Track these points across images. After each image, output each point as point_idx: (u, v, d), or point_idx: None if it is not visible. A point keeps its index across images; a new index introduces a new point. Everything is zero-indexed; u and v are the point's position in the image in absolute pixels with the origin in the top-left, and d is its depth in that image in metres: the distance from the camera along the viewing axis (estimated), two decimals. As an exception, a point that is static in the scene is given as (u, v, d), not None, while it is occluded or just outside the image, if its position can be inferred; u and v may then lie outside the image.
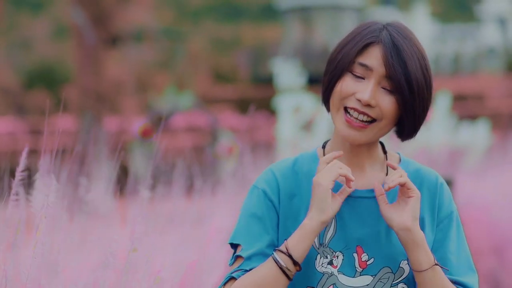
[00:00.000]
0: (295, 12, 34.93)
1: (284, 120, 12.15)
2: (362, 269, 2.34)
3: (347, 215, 2.35)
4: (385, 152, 2.43)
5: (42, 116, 26.97)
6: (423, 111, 2.33)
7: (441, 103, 12.40)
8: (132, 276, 2.99)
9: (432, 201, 2.40)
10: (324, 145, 2.44)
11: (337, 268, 2.33)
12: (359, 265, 2.34)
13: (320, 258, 2.33)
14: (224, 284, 2.32)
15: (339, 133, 2.35)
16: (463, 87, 31.27)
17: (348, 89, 2.31)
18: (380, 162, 2.41)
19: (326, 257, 2.33)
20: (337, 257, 2.33)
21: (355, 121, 2.30)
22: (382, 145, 2.45)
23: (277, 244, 2.35)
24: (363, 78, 2.31)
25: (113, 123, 22.88)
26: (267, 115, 21.13)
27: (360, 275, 2.34)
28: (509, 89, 31.85)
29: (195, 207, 3.92)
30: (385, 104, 2.30)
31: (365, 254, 2.34)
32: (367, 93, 2.28)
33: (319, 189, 2.25)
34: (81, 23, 20.75)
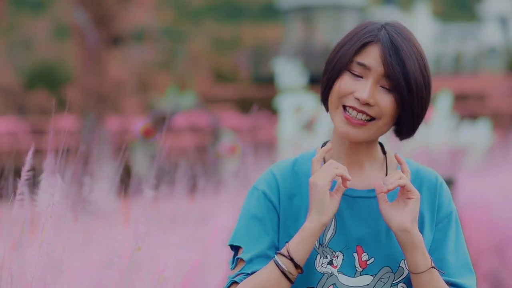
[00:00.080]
0: (296, 12, 34.87)
1: (285, 119, 12.13)
2: (362, 268, 2.33)
3: (347, 215, 2.34)
4: (384, 152, 2.43)
5: (43, 116, 27.00)
6: (421, 110, 2.32)
7: (442, 102, 12.37)
8: (135, 275, 3.00)
9: (432, 201, 2.39)
10: (323, 145, 2.43)
11: (337, 268, 2.33)
12: (359, 264, 2.33)
13: (320, 258, 2.33)
14: (227, 288, 2.32)
15: (338, 131, 2.34)
16: (464, 87, 31.22)
17: (347, 87, 2.31)
18: (379, 162, 2.41)
19: (326, 257, 2.33)
20: (337, 257, 2.33)
21: (354, 118, 2.30)
22: (382, 146, 2.44)
23: (278, 245, 2.34)
24: (361, 77, 2.31)
25: (114, 123, 22.88)
26: (268, 115, 21.12)
27: (360, 275, 2.33)
28: (510, 88, 31.81)
29: (198, 206, 3.94)
30: (384, 103, 2.30)
31: (365, 253, 2.34)
32: (365, 91, 2.28)
33: (316, 191, 2.24)
34: (83, 23, 20.76)
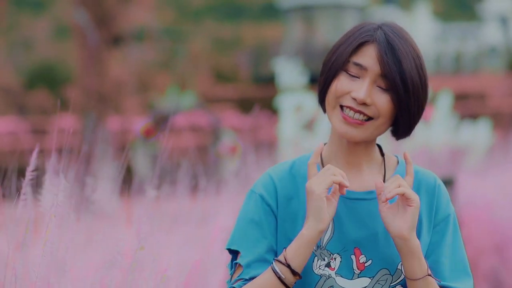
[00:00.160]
0: (296, 11, 34.85)
1: (286, 119, 12.12)
2: (360, 271, 2.33)
3: (344, 217, 2.34)
4: (382, 154, 2.42)
5: (43, 116, 27.02)
6: (418, 110, 2.32)
7: (442, 102, 12.36)
8: (138, 275, 3.01)
9: (430, 203, 2.39)
10: None
11: (335, 270, 2.32)
12: (357, 267, 2.33)
13: (318, 260, 2.32)
14: (226, 295, 2.33)
15: (336, 130, 2.33)
16: (465, 86, 31.20)
17: (344, 87, 2.31)
18: (377, 164, 2.40)
19: (324, 260, 2.32)
20: (335, 259, 2.32)
21: (352, 118, 2.30)
22: (380, 148, 2.44)
23: (276, 249, 2.34)
24: (358, 78, 2.31)
25: (115, 123, 22.88)
26: (268, 115, 21.11)
27: (358, 277, 2.33)
28: (510, 88, 31.79)
29: (199, 206, 3.95)
30: (380, 103, 2.29)
31: (363, 256, 2.33)
32: (362, 91, 2.28)
33: (313, 198, 2.23)
34: (83, 23, 20.77)
